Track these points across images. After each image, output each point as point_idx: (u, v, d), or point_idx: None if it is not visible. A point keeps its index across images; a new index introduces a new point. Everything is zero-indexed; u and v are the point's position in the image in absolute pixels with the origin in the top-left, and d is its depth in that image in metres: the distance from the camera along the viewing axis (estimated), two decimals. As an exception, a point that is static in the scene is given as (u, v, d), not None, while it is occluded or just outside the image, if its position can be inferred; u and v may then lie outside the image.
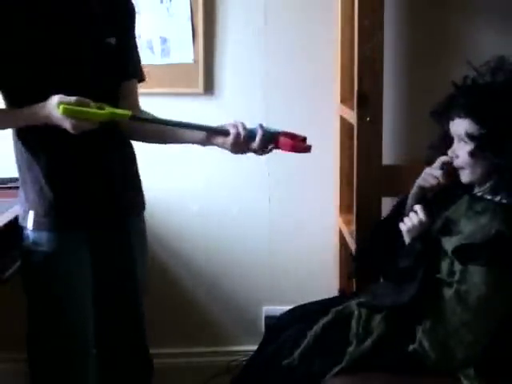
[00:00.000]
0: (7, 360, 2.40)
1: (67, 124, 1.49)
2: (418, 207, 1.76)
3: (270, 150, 1.64)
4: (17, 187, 1.74)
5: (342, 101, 2.41)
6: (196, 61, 2.43)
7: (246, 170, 2.51)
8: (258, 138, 1.61)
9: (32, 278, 1.69)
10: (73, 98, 1.48)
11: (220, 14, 2.43)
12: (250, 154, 1.68)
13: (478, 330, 1.61)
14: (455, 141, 1.73)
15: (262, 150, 1.63)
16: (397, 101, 2.45)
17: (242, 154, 1.66)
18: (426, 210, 1.75)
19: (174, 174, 2.53)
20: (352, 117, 2.15)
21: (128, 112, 1.56)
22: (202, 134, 1.68)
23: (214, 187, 2.55)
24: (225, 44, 2.45)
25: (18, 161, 1.69)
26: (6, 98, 1.64)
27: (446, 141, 1.77)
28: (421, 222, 1.73)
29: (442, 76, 1.79)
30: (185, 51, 2.43)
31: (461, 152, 1.71)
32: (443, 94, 1.79)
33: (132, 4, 1.79)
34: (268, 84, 2.48)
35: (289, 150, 1.62)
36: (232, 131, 1.62)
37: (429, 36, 2.45)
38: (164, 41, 2.42)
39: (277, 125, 2.42)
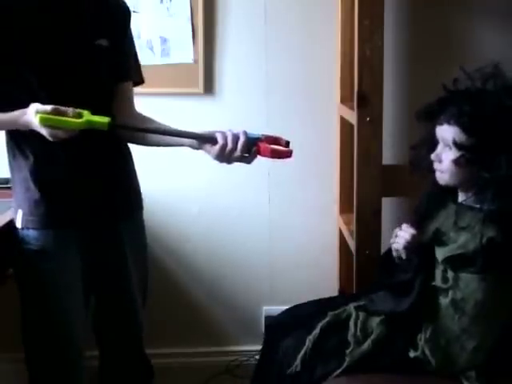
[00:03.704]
0: (7, 360, 2.40)
1: (44, 132, 1.49)
2: (404, 226, 1.78)
3: (253, 157, 1.60)
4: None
5: (342, 101, 2.41)
6: (196, 61, 2.43)
7: (246, 170, 2.50)
8: (239, 146, 1.57)
9: (22, 276, 1.71)
10: (49, 107, 1.47)
11: (220, 14, 2.43)
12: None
13: (478, 335, 1.62)
14: (440, 145, 1.72)
15: (243, 157, 1.59)
16: (397, 101, 2.46)
17: (226, 163, 1.62)
18: (414, 223, 1.79)
19: (174, 174, 2.53)
20: (352, 117, 2.15)
21: (106, 120, 1.51)
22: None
23: (214, 187, 2.55)
24: (225, 44, 2.46)
25: (9, 162, 1.70)
26: None
27: (430, 143, 1.76)
28: (413, 236, 1.75)
29: (442, 76, 1.78)
30: (185, 51, 2.43)
31: (445, 157, 1.70)
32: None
33: (126, 6, 1.77)
34: (268, 84, 2.48)
35: (268, 157, 1.59)
36: (220, 142, 1.57)
37: (429, 36, 2.45)
38: (164, 41, 2.42)
39: (277, 124, 2.45)
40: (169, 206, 2.54)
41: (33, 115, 1.49)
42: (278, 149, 1.60)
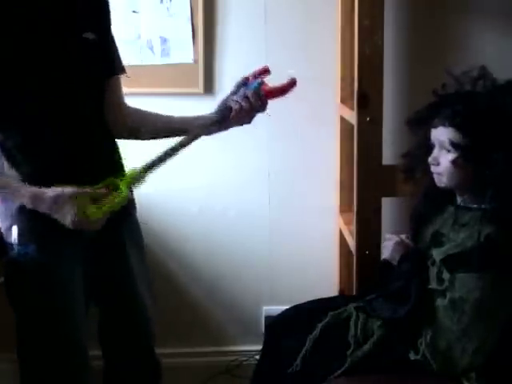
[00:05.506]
0: (7, 360, 2.40)
1: (80, 223, 1.48)
2: (387, 235, 1.85)
3: (266, 103, 1.72)
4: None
5: (342, 101, 2.41)
6: (196, 61, 2.43)
7: (246, 170, 2.51)
8: (252, 101, 1.68)
9: (19, 291, 1.65)
10: (87, 191, 1.47)
11: (220, 14, 2.43)
12: (251, 155, 1.68)
13: (479, 337, 1.61)
14: (436, 148, 1.72)
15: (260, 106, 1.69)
16: (397, 101, 2.45)
17: (248, 123, 1.71)
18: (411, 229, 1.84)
19: (173, 174, 2.52)
20: (352, 117, 2.15)
21: (136, 172, 1.56)
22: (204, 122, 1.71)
23: (214, 188, 2.55)
24: (225, 44, 2.45)
25: None
26: None
27: (425, 147, 1.76)
28: (397, 243, 1.79)
29: (441, 76, 1.79)
30: (185, 51, 2.43)
31: (442, 159, 1.70)
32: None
33: None
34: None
35: (276, 97, 1.74)
36: (234, 106, 1.67)
37: (429, 36, 2.45)
38: (164, 41, 2.42)
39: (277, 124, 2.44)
40: (168, 205, 2.54)
41: (68, 203, 1.46)
42: (280, 86, 1.76)
